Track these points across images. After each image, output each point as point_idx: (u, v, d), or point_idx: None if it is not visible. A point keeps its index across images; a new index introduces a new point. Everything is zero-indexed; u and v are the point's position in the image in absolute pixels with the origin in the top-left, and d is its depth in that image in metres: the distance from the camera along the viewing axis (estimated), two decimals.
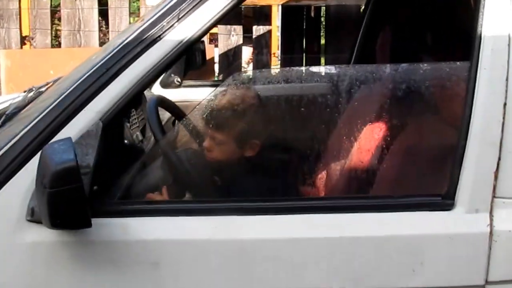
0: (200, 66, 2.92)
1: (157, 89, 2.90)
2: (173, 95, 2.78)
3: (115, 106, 1.29)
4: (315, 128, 1.62)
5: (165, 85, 2.88)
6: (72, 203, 1.13)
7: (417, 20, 2.35)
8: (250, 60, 4.35)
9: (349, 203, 1.34)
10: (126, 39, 1.33)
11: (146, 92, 2.72)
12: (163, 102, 1.90)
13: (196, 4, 1.33)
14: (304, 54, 4.08)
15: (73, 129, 1.26)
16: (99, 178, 1.29)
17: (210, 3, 1.33)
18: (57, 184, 1.11)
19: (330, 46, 3.98)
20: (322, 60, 4.25)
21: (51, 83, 1.81)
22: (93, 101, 1.28)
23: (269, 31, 4.03)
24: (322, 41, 4.24)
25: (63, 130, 1.26)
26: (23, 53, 3.71)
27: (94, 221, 1.20)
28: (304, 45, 4.06)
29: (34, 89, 1.86)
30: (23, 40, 3.91)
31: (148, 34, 1.33)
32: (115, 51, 1.31)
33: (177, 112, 1.97)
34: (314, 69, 1.70)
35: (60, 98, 1.29)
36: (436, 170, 1.45)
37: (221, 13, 1.36)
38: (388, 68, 1.70)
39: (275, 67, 4.15)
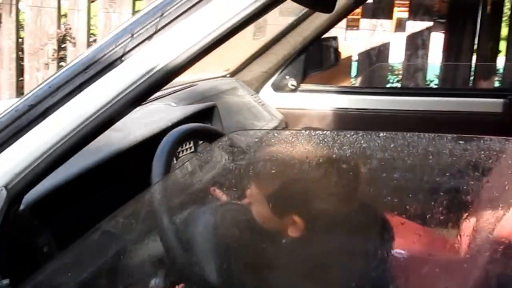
0: (329, 66, 2.68)
1: (267, 93, 2.75)
2: (286, 101, 2.70)
3: (35, 165, 0.93)
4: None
5: (277, 88, 2.73)
6: None
7: None
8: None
9: None
10: (72, 61, 0.97)
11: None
12: (193, 134, 1.47)
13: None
14: (473, 59, 3.41)
15: None
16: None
17: None
18: None
19: None
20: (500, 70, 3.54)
21: None
22: None
23: (429, 28, 3.41)
24: (503, 37, 3.50)
25: None
26: None
27: None
28: (474, 47, 3.39)
29: None
30: None
31: (106, 53, 0.94)
32: (47, 81, 0.95)
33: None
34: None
35: None
36: None
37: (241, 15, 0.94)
38: None
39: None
